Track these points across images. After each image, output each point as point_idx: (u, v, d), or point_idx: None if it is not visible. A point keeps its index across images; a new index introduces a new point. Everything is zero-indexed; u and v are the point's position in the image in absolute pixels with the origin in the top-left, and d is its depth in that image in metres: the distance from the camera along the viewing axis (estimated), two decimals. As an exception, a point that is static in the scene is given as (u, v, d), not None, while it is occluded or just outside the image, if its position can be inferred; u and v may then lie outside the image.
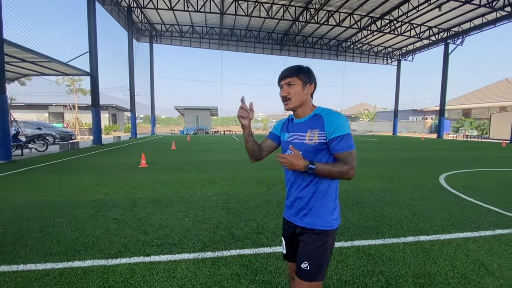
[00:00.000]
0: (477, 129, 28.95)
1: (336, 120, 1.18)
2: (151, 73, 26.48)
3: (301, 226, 1.25)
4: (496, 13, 19.32)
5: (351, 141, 1.17)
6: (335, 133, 1.16)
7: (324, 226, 1.21)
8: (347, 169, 1.13)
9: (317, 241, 1.20)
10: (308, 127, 1.23)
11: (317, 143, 1.19)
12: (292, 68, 1.25)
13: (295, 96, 1.23)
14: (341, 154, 1.15)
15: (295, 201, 1.28)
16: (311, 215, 1.22)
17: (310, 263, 1.18)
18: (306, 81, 1.24)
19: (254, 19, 23.43)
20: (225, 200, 4.12)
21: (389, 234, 2.89)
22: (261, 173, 6.40)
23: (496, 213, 3.59)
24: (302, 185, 1.24)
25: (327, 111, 1.24)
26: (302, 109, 1.28)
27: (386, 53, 30.76)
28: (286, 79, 1.24)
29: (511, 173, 6.65)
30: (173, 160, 8.64)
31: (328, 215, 1.22)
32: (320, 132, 1.19)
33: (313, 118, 1.24)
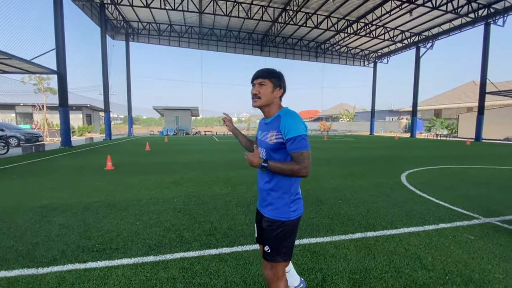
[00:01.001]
0: (447, 128, 30.55)
1: (289, 122, 1.27)
2: (127, 72, 25.66)
3: (263, 215, 1.41)
4: (462, 19, 20.50)
5: (304, 142, 1.25)
6: (288, 134, 1.26)
7: (281, 217, 1.35)
8: (298, 168, 1.23)
9: (275, 229, 1.36)
10: (271, 128, 1.35)
11: (275, 143, 1.32)
12: (266, 70, 1.38)
13: (264, 96, 1.35)
14: (294, 154, 1.26)
15: (261, 192, 1.44)
16: (271, 206, 1.37)
17: (270, 247, 1.37)
18: (277, 84, 1.37)
19: (233, 19, 23.35)
20: (185, 202, 4.04)
21: (339, 232, 2.95)
22: (232, 173, 6.35)
23: (443, 208, 3.77)
24: (265, 179, 1.39)
25: (285, 113, 1.34)
26: (269, 109, 1.39)
27: (363, 55, 31.72)
28: (259, 79, 1.36)
29: (467, 170, 7.04)
30: (143, 162, 8.39)
31: (285, 207, 1.34)
32: (277, 133, 1.30)
33: (276, 119, 1.35)
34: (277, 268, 1.39)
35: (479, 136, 20.21)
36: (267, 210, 1.39)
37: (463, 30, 21.62)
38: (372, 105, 32.41)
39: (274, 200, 1.36)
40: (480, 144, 16.90)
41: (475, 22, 20.03)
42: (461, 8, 18.25)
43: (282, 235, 1.35)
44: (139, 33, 26.16)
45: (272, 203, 1.37)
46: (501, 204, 3.98)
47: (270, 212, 1.37)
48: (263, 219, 1.41)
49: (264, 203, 1.42)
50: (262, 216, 1.43)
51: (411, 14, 20.13)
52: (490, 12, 18.44)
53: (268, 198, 1.39)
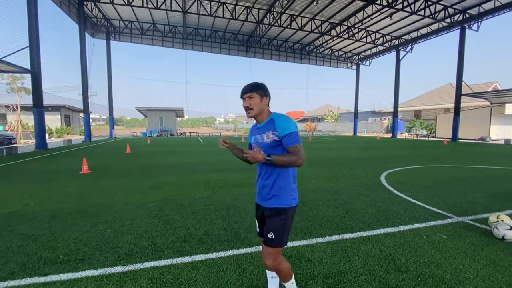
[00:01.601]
0: (426, 128, 31.72)
1: (284, 122, 1.55)
2: (108, 71, 24.85)
3: (268, 207, 1.62)
4: (439, 24, 21.37)
5: (297, 137, 1.53)
6: (284, 132, 1.52)
7: (285, 204, 1.59)
8: (295, 159, 1.49)
9: (279, 216, 1.58)
10: (266, 130, 1.60)
11: (272, 141, 1.57)
12: (251, 85, 1.62)
13: (255, 106, 1.60)
14: (290, 148, 1.52)
15: (263, 187, 1.64)
16: (275, 197, 1.59)
17: (274, 233, 1.56)
18: (263, 95, 1.62)
19: (218, 20, 23.18)
20: (161, 207, 3.90)
21: (316, 234, 2.93)
22: (214, 175, 6.24)
23: (419, 208, 3.85)
24: (266, 175, 1.62)
25: (278, 116, 1.61)
26: (261, 116, 1.64)
27: (346, 58, 32.40)
28: (247, 93, 1.60)
29: (443, 169, 7.29)
30: (122, 165, 8.10)
31: (287, 196, 1.59)
32: (274, 132, 1.56)
33: (269, 122, 1.61)
34: (277, 255, 1.59)
35: (455, 136, 21.10)
36: (271, 202, 1.60)
37: (440, 34, 22.54)
38: (355, 107, 33.14)
39: (277, 191, 1.59)
40: (456, 144, 17.64)
41: (451, 27, 20.94)
42: (438, 14, 19.02)
43: (285, 222, 1.58)
44: (120, 32, 25.43)
45: (276, 195, 1.59)
46: (474, 203, 4.12)
47: (275, 201, 1.59)
48: (267, 210, 1.63)
49: (267, 197, 1.62)
50: (265, 208, 1.64)
51: (391, 18, 20.75)
52: (465, 17, 19.33)
53: (271, 191, 1.60)
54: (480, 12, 18.63)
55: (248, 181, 5.56)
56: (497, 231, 2.74)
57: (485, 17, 18.79)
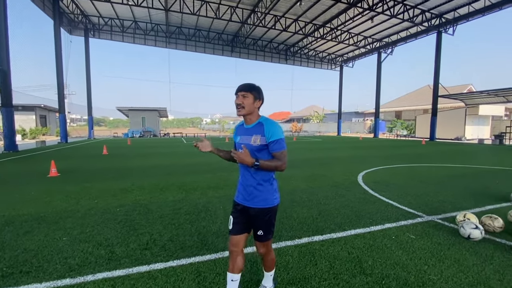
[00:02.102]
0: (406, 129, 32.77)
1: (272, 128, 1.60)
2: (87, 69, 23.90)
3: (252, 207, 1.68)
4: (417, 28, 22.11)
5: (283, 143, 1.61)
6: (272, 138, 1.58)
7: (268, 204, 1.69)
8: (280, 164, 1.58)
9: (264, 215, 1.69)
10: (253, 132, 1.64)
11: (259, 145, 1.61)
12: (249, 85, 1.66)
13: (247, 106, 1.63)
14: (276, 153, 1.59)
15: (246, 188, 1.70)
16: (259, 198, 1.67)
17: (263, 230, 1.71)
18: (257, 97, 1.66)
19: (202, 19, 22.87)
20: (128, 211, 3.70)
21: (286, 237, 2.85)
22: (189, 178, 6.06)
23: (391, 207, 3.87)
24: (252, 177, 1.67)
25: (267, 121, 1.65)
26: (250, 117, 1.67)
27: (330, 59, 32.90)
28: (242, 92, 1.63)
29: (418, 168, 7.46)
30: (96, 167, 7.73)
31: (270, 196, 1.68)
32: (262, 137, 1.60)
33: (258, 125, 1.65)
34: (268, 245, 1.78)
35: (433, 136, 21.89)
36: (256, 202, 1.67)
37: (418, 38, 23.32)
38: (339, 107, 33.72)
39: (261, 193, 1.66)
40: (433, 143, 18.28)
41: (428, 31, 21.71)
42: (416, 17, 19.66)
43: (271, 218, 1.71)
44: (100, 29, 24.56)
45: (259, 195, 1.66)
46: (444, 201, 4.20)
47: (260, 202, 1.66)
48: (252, 210, 1.68)
49: (251, 197, 1.68)
50: (250, 208, 1.69)
51: (372, 21, 21.26)
52: (441, 21, 20.10)
53: (255, 192, 1.66)
54: (456, 17, 19.44)
55: (224, 183, 5.42)
56: (463, 230, 2.77)
57: (460, 21, 19.62)
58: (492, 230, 2.92)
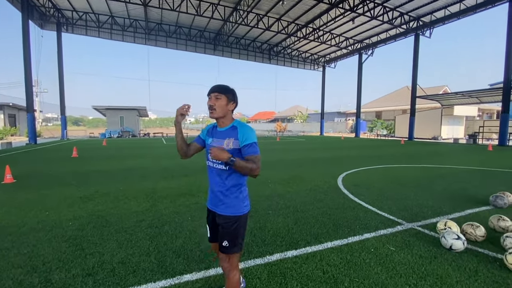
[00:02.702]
0: (386, 129, 33.60)
1: (246, 132, 1.55)
2: (59, 66, 22.46)
3: (219, 213, 1.61)
4: (396, 30, 22.61)
5: (257, 148, 1.55)
6: (245, 141, 1.53)
7: (237, 212, 1.59)
8: (255, 167, 1.49)
9: (232, 224, 1.58)
10: (226, 136, 1.59)
11: (232, 149, 1.54)
12: (222, 86, 1.60)
13: (219, 108, 1.58)
14: (250, 157, 1.51)
15: (215, 194, 1.62)
16: (226, 204, 1.58)
17: (228, 241, 1.57)
18: (231, 99, 1.61)
19: (183, 15, 22.21)
20: (82, 225, 3.26)
21: (256, 253, 2.55)
22: (162, 183, 5.64)
23: (371, 214, 3.69)
24: (220, 181, 1.60)
25: (241, 125, 1.60)
26: (223, 120, 1.63)
27: (313, 60, 33.11)
28: (215, 93, 1.57)
29: (398, 169, 7.44)
30: (59, 172, 7.10)
31: (240, 203, 1.60)
32: (235, 140, 1.55)
33: (231, 128, 1.60)
34: (233, 259, 1.62)
35: (411, 136, 22.49)
36: (223, 208, 1.59)
37: (397, 40, 23.89)
38: (322, 107, 34.03)
39: (229, 199, 1.58)
40: (412, 143, 18.74)
41: (407, 33, 22.27)
42: (395, 20, 20.09)
43: (238, 228, 1.59)
44: (74, 24, 23.19)
45: (227, 202, 1.58)
46: (424, 206, 4.08)
47: (227, 210, 1.58)
48: (219, 217, 1.61)
49: (219, 203, 1.60)
50: (218, 214, 1.62)
51: (353, 22, 21.49)
52: (419, 24, 20.65)
53: (223, 198, 1.59)
54: (432, 20, 20.03)
55: (197, 188, 5.06)
56: (445, 241, 2.60)
57: (437, 24, 20.24)
58: (474, 239, 2.78)
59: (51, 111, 69.48)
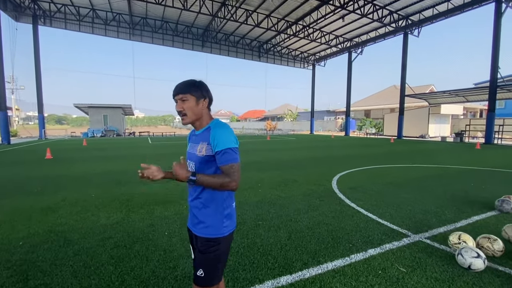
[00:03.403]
0: (375, 127, 33.85)
1: (219, 134, 1.23)
2: (36, 61, 21.16)
3: (197, 235, 1.31)
4: (385, 28, 22.63)
5: (234, 155, 1.22)
6: (218, 147, 1.21)
7: (215, 234, 1.27)
8: (228, 181, 1.18)
9: (209, 248, 1.26)
10: (201, 140, 1.30)
11: (204, 155, 1.26)
12: (185, 84, 1.29)
13: (189, 111, 1.28)
14: (223, 167, 1.21)
15: (191, 210, 1.36)
16: (203, 224, 1.28)
17: (204, 270, 1.26)
18: (199, 96, 1.29)
19: (169, 10, 21.38)
20: (35, 246, 2.71)
21: (243, 281, 2.11)
22: (141, 188, 5.09)
23: (372, 223, 3.31)
24: (194, 195, 1.31)
25: (215, 125, 1.29)
26: (199, 122, 1.34)
27: (303, 58, 32.89)
28: (179, 95, 1.28)
29: (392, 170, 7.17)
30: (26, 176, 6.40)
31: (219, 223, 1.28)
32: (208, 145, 1.26)
33: (206, 131, 1.30)
34: None
35: (400, 134, 22.62)
36: (199, 229, 1.30)
37: (386, 38, 23.93)
38: (312, 106, 33.94)
39: (206, 217, 1.28)
40: (401, 142, 18.78)
41: (396, 32, 22.32)
42: (385, 18, 20.05)
43: (217, 254, 1.27)
44: (52, 16, 21.94)
45: (204, 221, 1.29)
46: (427, 211, 3.75)
47: (203, 230, 1.29)
48: (196, 239, 1.33)
49: (195, 221, 1.32)
50: (195, 236, 1.33)
51: (343, 20, 21.33)
52: (408, 23, 20.71)
53: (199, 215, 1.30)
54: (421, 19, 20.11)
55: (179, 195, 4.56)
56: (462, 259, 2.24)
57: (425, 23, 20.36)
58: (491, 254, 2.44)
59: (33, 109, 66.68)
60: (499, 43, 15.82)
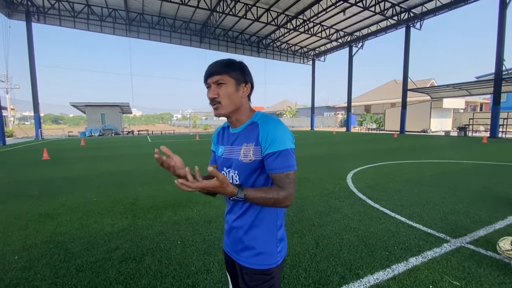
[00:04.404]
0: (376, 122, 33.65)
1: (273, 131, 0.91)
2: (30, 59, 20.63)
3: (242, 265, 0.99)
4: (387, 22, 22.27)
5: (291, 159, 0.90)
6: (271, 147, 0.90)
7: (268, 264, 0.96)
8: (284, 196, 0.87)
9: (261, 284, 0.96)
10: (243, 140, 0.97)
11: (253, 161, 0.93)
12: (222, 63, 0.96)
13: (226, 98, 0.95)
14: (276, 175, 0.90)
15: (231, 230, 1.04)
16: (251, 249, 0.97)
17: None
18: (240, 79, 0.97)
19: (166, 5, 20.87)
20: (32, 260, 2.40)
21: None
22: (145, 190, 4.78)
23: (403, 226, 3.03)
24: (238, 212, 1.00)
25: (264, 118, 0.98)
26: (238, 115, 1.00)
27: (302, 53, 32.47)
28: (214, 77, 0.95)
29: (406, 166, 6.90)
30: (22, 179, 6.06)
31: (272, 248, 0.98)
32: (256, 146, 0.93)
33: (249, 127, 0.99)
34: None
35: (403, 129, 22.39)
36: (247, 257, 0.97)
37: (388, 32, 23.59)
38: (312, 102, 33.62)
39: (256, 241, 0.97)
40: (405, 137, 18.54)
41: (398, 25, 21.97)
42: (387, 11, 19.67)
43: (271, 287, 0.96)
44: (45, 13, 21.36)
45: (253, 246, 0.97)
46: (457, 211, 3.48)
47: (252, 259, 0.97)
48: (242, 270, 0.99)
49: (238, 246, 1.00)
50: (239, 266, 1.00)
51: (344, 14, 20.94)
52: (410, 16, 20.35)
53: (246, 238, 0.98)
54: (423, 12, 19.77)
55: (188, 198, 4.25)
56: (525, 271, 1.95)
57: (427, 16, 20.02)
58: (551, 263, 2.16)
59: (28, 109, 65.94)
60: (504, 35, 15.54)
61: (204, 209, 3.68)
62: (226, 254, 1.11)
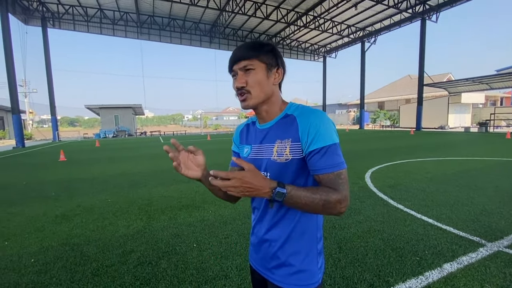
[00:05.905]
0: (390, 119, 32.77)
1: (316, 123, 0.75)
2: (46, 63, 21.32)
3: (273, 283, 0.83)
4: (401, 15, 21.58)
5: (341, 155, 0.74)
6: (315, 143, 0.73)
7: (309, 284, 0.80)
8: (337, 199, 0.68)
9: None
10: (276, 136, 0.82)
11: (290, 160, 0.77)
12: (250, 46, 0.80)
13: (257, 87, 0.79)
14: (325, 176, 0.72)
15: (262, 244, 0.86)
16: (289, 267, 0.81)
17: None
18: (272, 65, 0.81)
19: (176, 6, 21.02)
20: (48, 263, 2.37)
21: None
22: (159, 191, 4.74)
23: (432, 229, 2.82)
24: (273, 221, 0.83)
25: (302, 110, 0.81)
26: (268, 106, 0.84)
27: (313, 50, 32.02)
28: (241, 62, 0.79)
29: (426, 164, 6.59)
30: (39, 180, 6.18)
31: (313, 264, 0.82)
32: (293, 142, 0.78)
33: (283, 121, 0.83)
34: None
35: (419, 126, 21.66)
36: (283, 276, 0.81)
37: (402, 26, 22.86)
38: (323, 99, 33.11)
39: (294, 256, 0.80)
40: (422, 133, 17.91)
41: (412, 18, 21.24)
42: (401, 4, 19.04)
43: None
44: (60, 18, 21.99)
45: (291, 263, 0.80)
46: (488, 212, 3.23)
47: (290, 278, 0.80)
48: None
49: (272, 263, 0.84)
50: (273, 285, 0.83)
51: (356, 9, 20.43)
52: (425, 8, 19.62)
53: (281, 253, 0.82)
54: (439, 3, 19.02)
55: (202, 198, 4.17)
56: None
57: (444, 8, 19.24)
58: None
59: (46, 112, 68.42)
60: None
61: (219, 210, 3.59)
62: (252, 269, 0.96)
